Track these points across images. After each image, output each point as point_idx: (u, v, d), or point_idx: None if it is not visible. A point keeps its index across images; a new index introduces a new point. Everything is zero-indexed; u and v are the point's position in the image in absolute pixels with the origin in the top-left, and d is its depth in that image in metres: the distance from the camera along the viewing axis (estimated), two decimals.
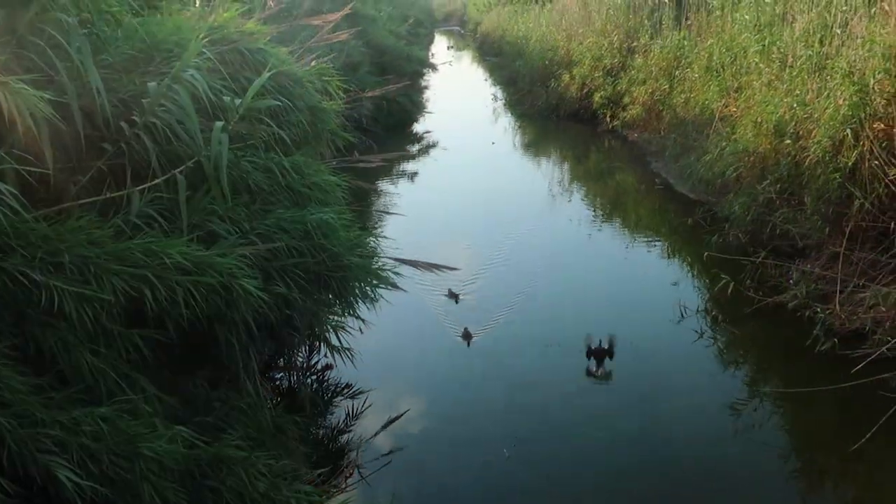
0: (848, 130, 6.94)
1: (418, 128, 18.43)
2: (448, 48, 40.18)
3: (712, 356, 6.77)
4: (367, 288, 5.35)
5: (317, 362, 6.49)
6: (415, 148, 16.35)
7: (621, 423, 5.80)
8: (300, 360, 6.43)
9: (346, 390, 6.23)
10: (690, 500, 4.99)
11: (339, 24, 8.84)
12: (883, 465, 5.19)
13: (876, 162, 6.70)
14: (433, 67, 23.42)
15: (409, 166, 14.71)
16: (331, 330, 5.70)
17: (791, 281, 7.28)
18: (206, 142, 4.15)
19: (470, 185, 13.43)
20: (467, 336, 7.10)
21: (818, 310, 6.62)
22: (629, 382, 6.31)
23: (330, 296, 5.26)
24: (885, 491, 5.04)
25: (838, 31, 8.22)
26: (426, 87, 23.05)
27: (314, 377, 6.39)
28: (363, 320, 5.95)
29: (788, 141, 8.08)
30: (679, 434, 5.64)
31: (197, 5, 6.01)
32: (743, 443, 5.49)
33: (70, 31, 3.79)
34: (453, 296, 7.95)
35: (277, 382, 6.16)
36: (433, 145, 16.49)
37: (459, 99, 23.38)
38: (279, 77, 5.24)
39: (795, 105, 8.16)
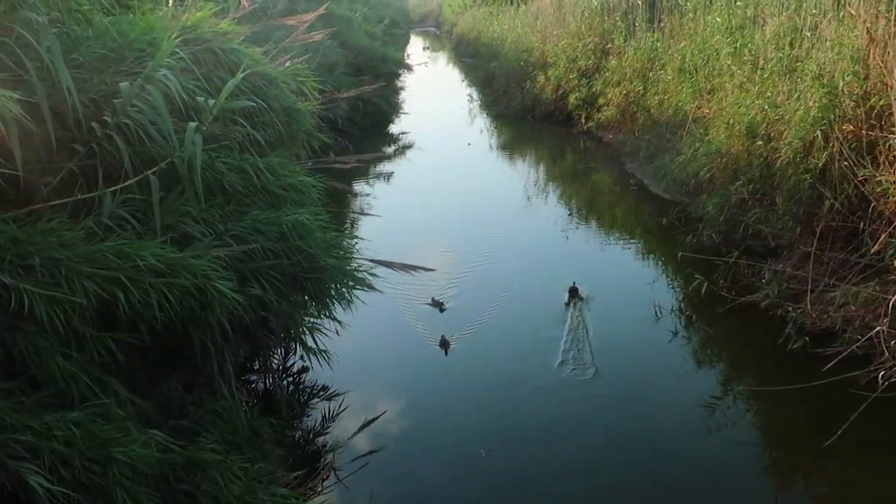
0: (818, 132, 7.04)
1: (394, 129, 18.41)
2: (424, 49, 40.21)
3: (686, 355, 6.83)
4: (344, 289, 5.34)
5: (293, 364, 6.45)
6: (391, 149, 16.33)
7: (596, 421, 5.83)
8: (276, 362, 6.40)
9: (322, 392, 6.20)
10: (664, 496, 5.03)
11: (314, 24, 8.80)
12: (853, 461, 5.27)
13: (845, 163, 6.80)
14: (409, 68, 23.42)
15: (386, 167, 14.69)
16: (307, 332, 5.68)
17: (763, 280, 7.37)
18: (179, 143, 4.12)
19: (447, 186, 13.44)
20: (445, 344, 6.93)
21: (790, 309, 6.72)
22: (604, 380, 6.34)
23: (306, 297, 5.24)
24: (855, 487, 5.13)
25: (808, 34, 8.33)
26: (402, 88, 23.05)
27: (290, 379, 6.35)
28: (340, 322, 5.93)
29: (760, 142, 8.17)
30: (653, 432, 5.69)
31: (170, 4, 5.95)
32: (716, 440, 5.54)
33: (40, 30, 3.74)
34: (437, 304, 7.75)
35: (253, 385, 6.12)
36: (409, 146, 16.48)
37: (435, 100, 23.40)
38: (253, 77, 5.21)
39: (767, 107, 8.26)
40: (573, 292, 7.81)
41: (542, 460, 5.38)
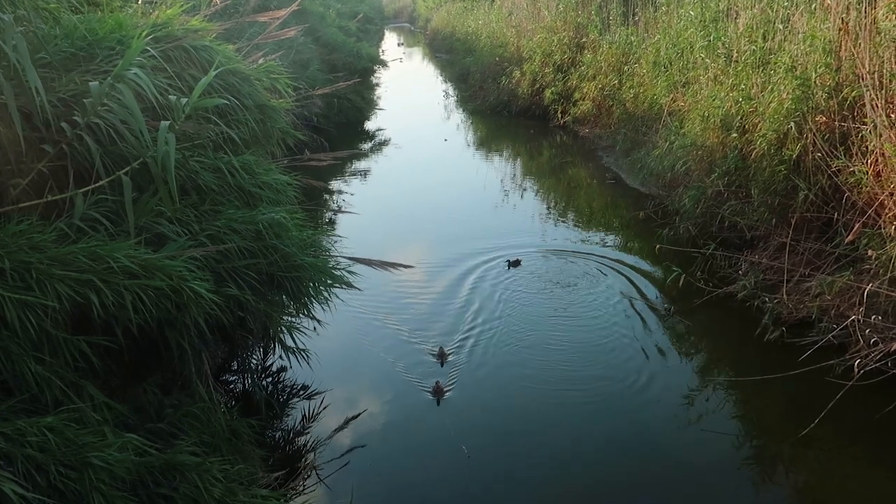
0: (792, 124, 7.11)
1: (370, 125, 18.33)
2: (399, 45, 40.17)
3: (665, 347, 6.86)
4: (322, 288, 5.30)
5: (272, 364, 6.40)
6: (367, 146, 16.27)
7: (576, 413, 5.84)
8: (254, 362, 6.34)
9: (301, 392, 6.16)
10: (646, 487, 5.06)
11: (288, 20, 8.73)
12: (831, 449, 5.34)
13: (819, 154, 6.87)
14: (384, 64, 23.33)
15: (363, 164, 14.62)
16: (285, 331, 5.63)
17: (740, 272, 7.43)
18: (152, 142, 4.06)
19: (423, 182, 13.42)
20: (438, 392, 6.13)
21: (766, 299, 6.80)
22: (583, 373, 6.36)
23: (284, 297, 5.19)
24: (832, 474, 5.19)
25: (780, 27, 8.41)
26: (377, 84, 22.95)
27: (269, 379, 6.30)
28: (318, 321, 5.89)
29: (735, 135, 8.25)
30: (634, 424, 5.71)
31: (139, 2, 5.87)
32: (695, 430, 5.59)
33: (5, 28, 3.66)
34: (442, 356, 6.71)
35: (231, 386, 6.06)
36: (386, 143, 16.43)
37: (411, 96, 23.34)
38: (226, 75, 5.15)
39: (741, 99, 8.33)
40: (515, 263, 8.79)
41: (520, 455, 5.38)
